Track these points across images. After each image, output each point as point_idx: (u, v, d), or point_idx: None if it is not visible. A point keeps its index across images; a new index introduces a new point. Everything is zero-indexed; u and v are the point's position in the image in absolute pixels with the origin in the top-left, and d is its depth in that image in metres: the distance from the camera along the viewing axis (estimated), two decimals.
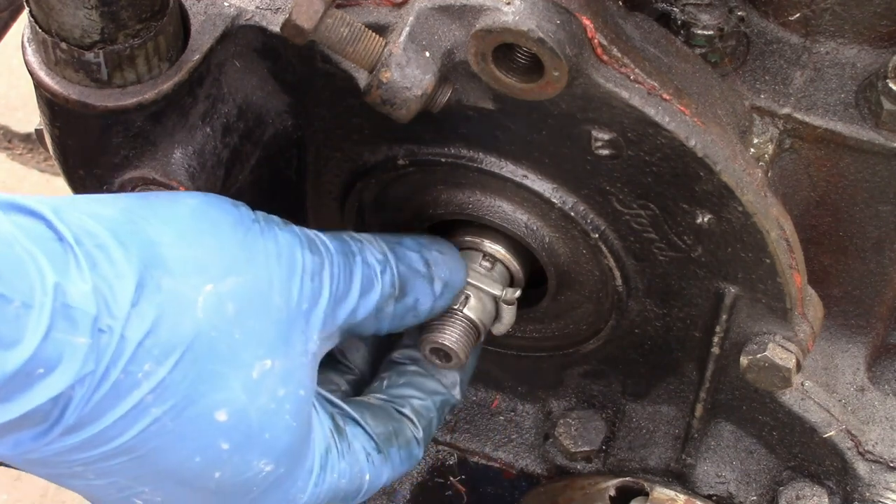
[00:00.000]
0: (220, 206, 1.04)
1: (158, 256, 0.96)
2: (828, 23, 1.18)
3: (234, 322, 0.98)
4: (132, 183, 1.11)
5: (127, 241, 0.95)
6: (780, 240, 1.10)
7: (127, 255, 0.94)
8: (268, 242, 1.04)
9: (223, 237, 1.01)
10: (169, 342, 0.94)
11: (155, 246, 0.96)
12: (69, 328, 0.87)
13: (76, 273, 0.89)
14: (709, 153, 1.05)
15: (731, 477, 1.32)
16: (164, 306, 0.94)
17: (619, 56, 1.02)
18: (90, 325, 0.89)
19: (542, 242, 1.20)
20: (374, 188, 1.23)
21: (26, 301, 0.85)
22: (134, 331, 0.92)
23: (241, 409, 0.99)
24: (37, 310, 0.86)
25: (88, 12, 0.99)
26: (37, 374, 0.86)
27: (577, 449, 1.35)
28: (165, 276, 0.95)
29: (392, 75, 1.01)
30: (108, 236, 0.94)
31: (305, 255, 1.05)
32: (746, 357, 1.18)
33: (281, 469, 1.04)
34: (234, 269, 1.00)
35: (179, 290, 0.96)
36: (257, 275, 1.01)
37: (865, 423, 1.28)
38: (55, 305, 0.87)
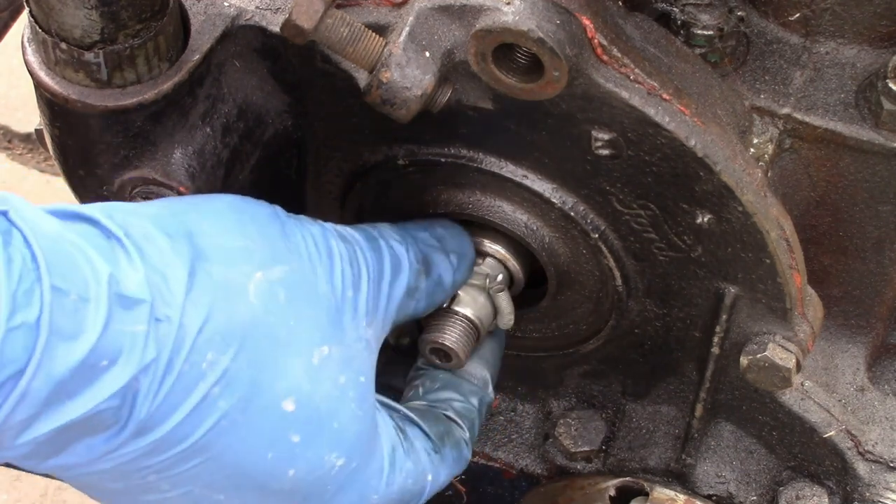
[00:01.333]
0: (255, 202, 1.05)
1: (205, 246, 0.95)
2: (828, 23, 1.18)
3: (287, 309, 0.98)
4: (132, 183, 1.11)
5: (173, 233, 0.94)
6: (780, 240, 1.10)
7: (174, 245, 0.93)
8: (304, 233, 1.04)
9: (264, 228, 1.01)
10: (228, 330, 0.93)
11: (200, 236, 0.96)
12: (127, 318, 0.87)
13: (127, 264, 0.89)
14: (709, 153, 1.05)
15: (731, 477, 1.32)
16: (217, 293, 0.93)
17: (619, 56, 1.02)
18: (147, 314, 0.88)
19: (542, 242, 1.20)
20: (374, 188, 1.23)
21: (82, 294, 0.85)
22: (192, 318, 0.91)
23: (307, 396, 0.98)
24: (93, 301, 0.85)
25: (88, 12, 0.99)
26: (101, 365, 0.85)
27: (577, 449, 1.35)
28: (214, 265, 0.95)
29: (392, 75, 1.01)
30: (153, 229, 0.94)
31: (339, 244, 1.05)
32: (746, 357, 1.18)
33: (353, 463, 1.02)
34: (279, 257, 1.00)
35: (230, 277, 0.95)
36: (301, 263, 1.01)
37: (865, 423, 1.28)
38: (111, 296, 0.86)
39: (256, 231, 1.01)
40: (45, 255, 0.83)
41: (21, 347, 0.81)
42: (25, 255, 0.83)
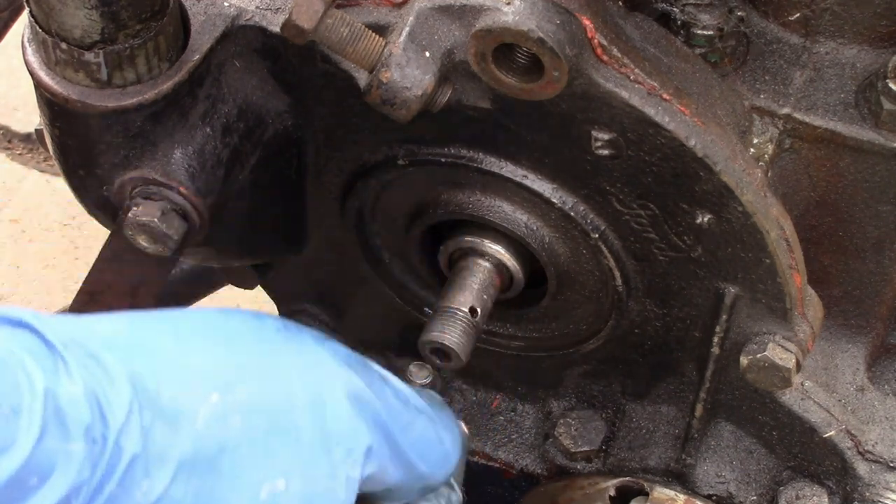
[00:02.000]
0: (239, 316, 0.99)
1: (158, 364, 0.91)
2: (828, 23, 1.18)
3: (241, 437, 0.91)
4: (132, 183, 1.11)
5: (122, 349, 0.90)
6: (780, 240, 1.10)
7: (121, 363, 0.88)
8: (292, 355, 0.97)
9: (237, 346, 0.96)
10: (167, 455, 0.88)
11: (154, 353, 0.91)
12: (62, 434, 0.83)
13: (66, 379, 0.85)
14: (709, 153, 1.05)
15: (731, 477, 1.32)
16: (162, 416, 0.88)
17: (619, 56, 1.02)
18: (83, 432, 0.84)
19: (542, 242, 1.20)
20: (374, 188, 1.23)
21: (15, 405, 0.81)
22: (130, 442, 0.86)
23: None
24: (26, 414, 0.81)
25: (88, 12, 0.99)
26: (31, 483, 0.81)
27: (577, 449, 1.35)
28: (164, 385, 0.89)
29: (392, 75, 1.01)
30: (99, 345, 0.89)
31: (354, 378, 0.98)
32: (746, 357, 1.18)
33: None
34: (247, 379, 0.93)
35: (179, 400, 0.90)
36: (275, 388, 0.94)
37: (865, 423, 1.28)
38: (46, 410, 0.82)
39: (226, 349, 0.95)
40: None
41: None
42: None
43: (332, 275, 1.37)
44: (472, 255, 1.22)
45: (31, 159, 2.84)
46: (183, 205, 1.11)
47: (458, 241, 1.23)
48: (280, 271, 1.41)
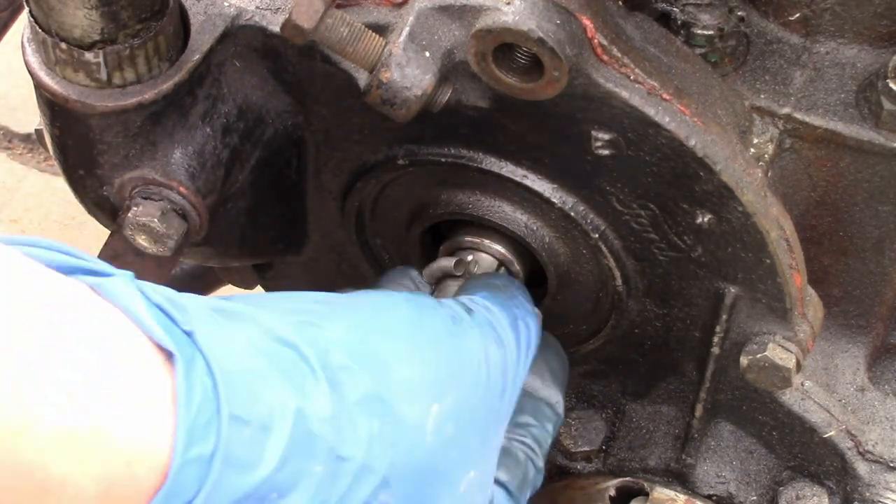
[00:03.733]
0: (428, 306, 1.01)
1: (391, 381, 0.93)
2: (828, 23, 1.18)
3: (453, 441, 0.96)
4: (132, 183, 1.11)
5: (365, 364, 0.91)
6: (780, 240, 1.10)
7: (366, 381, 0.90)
8: (471, 345, 1.01)
9: (440, 348, 0.99)
10: (404, 472, 0.91)
11: (388, 368, 0.93)
12: (307, 454, 0.84)
13: (316, 397, 0.86)
14: (709, 153, 1.05)
15: (731, 477, 1.31)
16: (401, 434, 0.91)
17: (619, 56, 1.02)
18: (327, 453, 0.85)
19: (542, 242, 1.20)
20: (374, 188, 1.23)
21: (265, 423, 0.82)
22: (378, 460, 0.88)
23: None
24: (276, 432, 0.82)
25: (88, 12, 0.99)
26: (270, 497, 0.82)
27: (577, 449, 1.35)
28: (399, 402, 0.92)
29: (392, 75, 1.01)
30: (347, 359, 0.90)
31: (494, 351, 1.02)
32: (746, 357, 1.18)
33: None
34: (451, 383, 0.97)
35: (412, 415, 0.93)
36: (468, 385, 0.99)
37: (865, 423, 1.28)
38: (295, 430, 0.83)
39: (434, 353, 0.98)
40: (227, 384, 0.80)
41: (193, 479, 0.78)
42: (207, 384, 0.80)
43: (332, 275, 1.37)
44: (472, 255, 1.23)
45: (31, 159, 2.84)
46: (183, 205, 1.11)
47: (458, 240, 1.23)
48: (280, 271, 1.41)
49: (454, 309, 1.03)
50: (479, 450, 1.00)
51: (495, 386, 1.02)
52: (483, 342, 1.03)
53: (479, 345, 1.02)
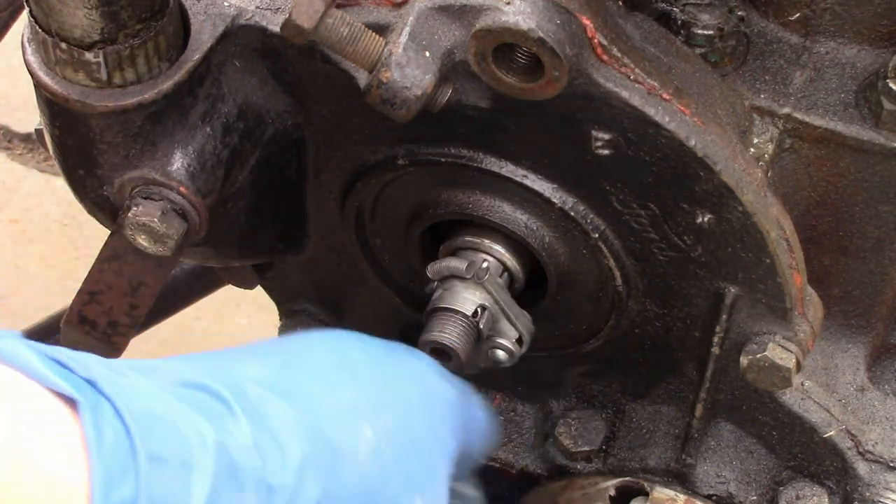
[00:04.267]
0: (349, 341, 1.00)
1: (316, 407, 0.91)
2: (828, 23, 1.18)
3: (394, 465, 0.94)
4: (132, 183, 1.11)
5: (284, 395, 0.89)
6: (780, 240, 1.10)
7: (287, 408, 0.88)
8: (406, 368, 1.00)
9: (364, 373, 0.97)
10: (339, 496, 0.88)
11: (309, 395, 0.91)
12: (235, 486, 0.82)
13: (235, 429, 0.84)
14: (709, 153, 1.05)
15: (731, 477, 1.31)
16: (332, 459, 0.89)
17: (619, 56, 1.02)
18: (257, 483, 0.83)
19: (542, 242, 1.20)
20: (374, 188, 1.23)
21: (185, 460, 0.79)
22: (310, 487, 0.86)
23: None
24: (199, 469, 0.80)
25: (88, 12, 0.99)
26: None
27: (577, 449, 1.35)
28: (328, 426, 0.90)
29: (392, 75, 1.01)
30: (264, 391, 0.88)
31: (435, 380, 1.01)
32: (746, 357, 1.18)
33: None
34: (383, 405, 0.95)
35: (342, 439, 0.91)
36: (404, 408, 0.97)
37: (865, 423, 1.28)
38: (218, 463, 0.81)
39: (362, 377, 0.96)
40: (139, 424, 0.78)
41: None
42: (117, 427, 0.77)
43: (332, 275, 1.37)
44: None
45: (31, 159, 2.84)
46: (183, 205, 1.11)
47: (458, 240, 1.23)
48: (280, 271, 1.41)
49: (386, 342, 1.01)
50: (424, 475, 0.97)
51: (438, 413, 0.99)
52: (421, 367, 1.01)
53: (417, 368, 1.00)
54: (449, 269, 1.19)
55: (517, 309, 1.20)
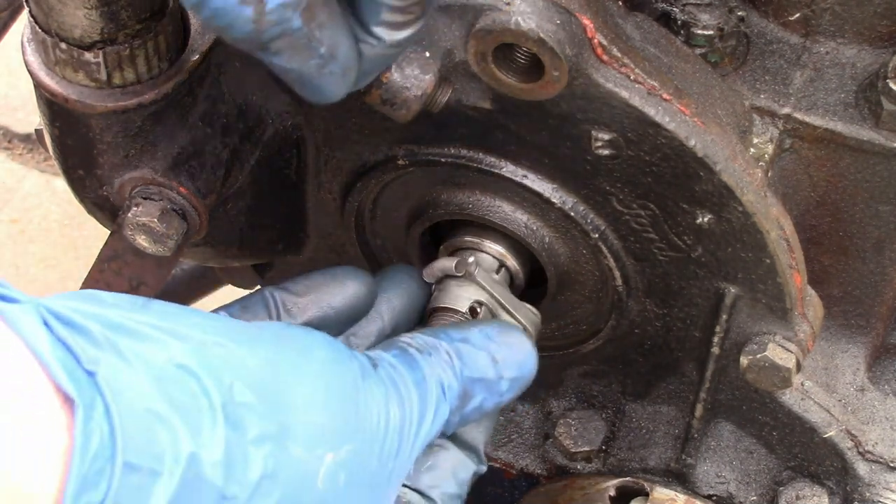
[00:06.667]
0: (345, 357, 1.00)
1: (293, 423, 0.91)
2: (828, 23, 1.18)
3: (344, 493, 0.94)
4: (132, 183, 1.11)
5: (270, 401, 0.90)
6: (780, 240, 1.10)
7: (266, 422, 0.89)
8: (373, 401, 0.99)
9: (345, 400, 0.97)
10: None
11: (292, 410, 0.92)
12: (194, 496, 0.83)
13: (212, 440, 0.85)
14: (709, 153, 1.05)
15: (731, 477, 1.32)
16: (291, 479, 0.90)
17: (619, 56, 1.02)
18: (215, 496, 0.84)
19: (542, 242, 1.20)
20: (373, 188, 1.23)
21: (155, 468, 0.81)
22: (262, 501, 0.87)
23: None
24: (165, 479, 0.81)
25: (88, 12, 0.99)
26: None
27: (577, 449, 1.35)
28: (296, 446, 0.91)
29: (392, 75, 1.01)
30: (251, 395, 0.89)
31: (395, 411, 1.00)
32: (746, 357, 1.18)
33: None
34: (348, 435, 0.95)
35: (307, 461, 0.91)
36: (363, 441, 0.97)
37: (865, 423, 1.28)
38: (185, 476, 0.82)
39: (339, 404, 0.96)
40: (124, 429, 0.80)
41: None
42: (104, 431, 0.79)
43: None
44: None
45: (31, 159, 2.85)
46: (183, 205, 1.11)
47: (458, 240, 1.23)
48: (280, 271, 1.41)
49: (363, 362, 1.01)
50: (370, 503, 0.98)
51: (391, 445, 0.99)
52: (385, 399, 1.00)
53: (382, 402, 0.99)
54: (441, 270, 1.19)
55: (517, 302, 1.20)
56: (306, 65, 0.90)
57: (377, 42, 0.92)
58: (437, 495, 1.10)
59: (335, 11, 0.90)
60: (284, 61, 0.90)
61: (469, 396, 1.06)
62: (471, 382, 1.06)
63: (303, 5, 0.87)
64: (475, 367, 1.06)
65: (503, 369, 1.08)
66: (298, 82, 0.93)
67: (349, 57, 0.92)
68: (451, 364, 1.05)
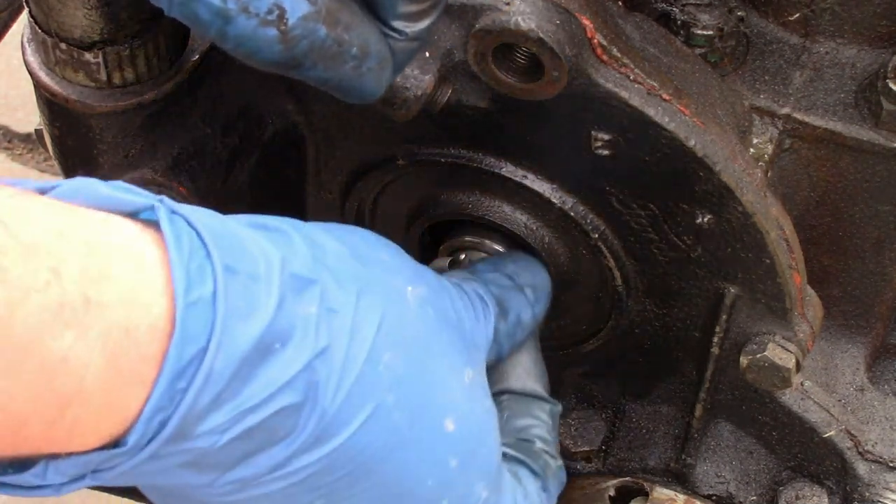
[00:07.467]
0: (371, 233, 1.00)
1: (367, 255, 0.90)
2: (827, 23, 1.18)
3: (437, 325, 0.92)
4: (132, 183, 1.10)
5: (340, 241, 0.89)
6: (779, 240, 1.10)
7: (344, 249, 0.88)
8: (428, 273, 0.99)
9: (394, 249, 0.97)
10: (399, 332, 0.87)
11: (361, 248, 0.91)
12: (299, 300, 0.81)
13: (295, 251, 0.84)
14: (708, 153, 1.05)
15: (730, 477, 1.32)
16: (386, 294, 0.88)
17: (619, 56, 1.02)
18: (318, 299, 0.82)
19: (541, 242, 1.20)
20: (373, 188, 1.23)
21: (252, 273, 0.79)
22: (367, 314, 0.85)
23: (464, 417, 0.91)
24: (265, 281, 0.79)
25: (88, 12, 0.99)
26: (274, 348, 0.79)
27: (577, 449, 1.35)
28: (375, 270, 0.89)
29: None
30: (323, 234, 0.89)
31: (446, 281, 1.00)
32: (746, 357, 1.18)
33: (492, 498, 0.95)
34: (420, 278, 0.94)
35: (393, 283, 0.90)
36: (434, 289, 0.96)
37: (865, 423, 1.28)
38: (283, 276, 0.80)
39: (394, 250, 0.96)
40: (211, 236, 0.78)
41: (200, 324, 0.75)
42: (191, 234, 0.78)
43: None
44: None
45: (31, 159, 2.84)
46: None
47: (458, 240, 1.23)
48: None
49: None
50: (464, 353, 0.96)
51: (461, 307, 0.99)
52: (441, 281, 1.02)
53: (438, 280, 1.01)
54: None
55: None
56: (342, 70, 0.90)
57: (399, 36, 0.92)
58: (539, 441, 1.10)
59: (355, 10, 0.90)
60: (321, 72, 0.90)
61: (506, 310, 1.07)
62: (499, 294, 1.07)
63: (323, 13, 0.86)
64: (497, 283, 1.08)
65: (520, 280, 1.11)
66: (338, 89, 0.92)
67: (381, 49, 0.91)
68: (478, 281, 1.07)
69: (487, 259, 1.15)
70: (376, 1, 0.91)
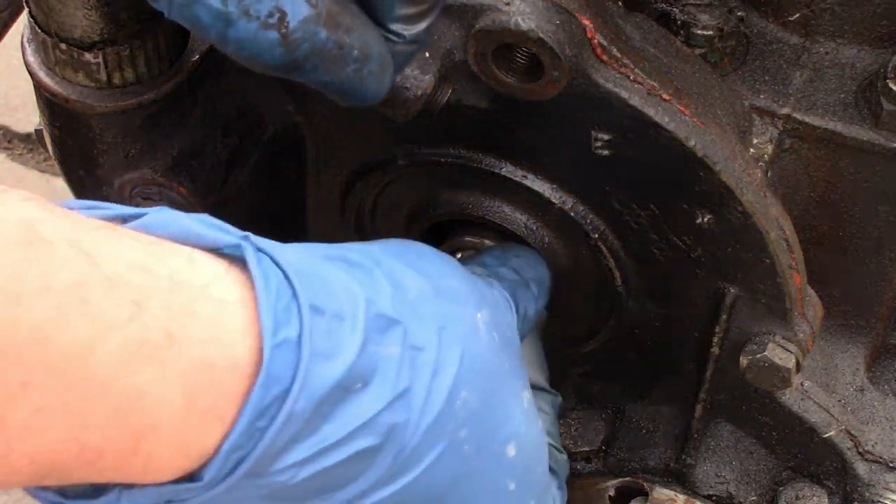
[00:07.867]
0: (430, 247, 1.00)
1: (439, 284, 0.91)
2: (827, 23, 1.18)
3: (501, 351, 0.93)
4: (132, 183, 1.11)
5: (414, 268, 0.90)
6: (779, 240, 1.10)
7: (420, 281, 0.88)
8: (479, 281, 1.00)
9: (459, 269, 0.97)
10: (473, 371, 0.87)
11: (432, 276, 0.91)
12: (382, 340, 0.81)
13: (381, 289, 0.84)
14: (708, 153, 1.05)
15: (730, 477, 1.32)
16: (464, 329, 0.89)
17: (619, 56, 1.02)
18: (402, 339, 0.83)
19: (541, 242, 1.20)
20: (373, 188, 1.23)
21: (338, 312, 0.79)
22: (449, 352, 0.85)
23: (523, 441, 0.92)
24: (349, 320, 0.80)
25: (88, 12, 0.99)
26: (354, 388, 0.79)
27: (577, 449, 1.35)
28: (449, 303, 0.90)
29: None
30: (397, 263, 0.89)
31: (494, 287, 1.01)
32: (746, 357, 1.18)
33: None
34: (484, 301, 0.95)
35: (466, 314, 0.90)
36: (492, 307, 0.96)
37: (865, 424, 1.28)
38: (368, 316, 0.81)
39: (463, 274, 0.96)
40: (297, 276, 0.78)
41: (285, 365, 0.75)
42: (278, 274, 0.78)
43: None
44: None
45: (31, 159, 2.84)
46: (183, 205, 1.11)
47: (458, 240, 1.23)
48: None
49: None
50: (522, 373, 0.96)
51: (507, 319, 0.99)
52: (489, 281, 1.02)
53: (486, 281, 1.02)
54: None
55: None
56: (344, 73, 0.90)
57: (397, 39, 0.92)
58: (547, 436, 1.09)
59: (356, 13, 0.90)
60: (322, 75, 0.89)
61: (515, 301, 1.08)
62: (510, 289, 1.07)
63: (324, 15, 0.86)
64: (506, 279, 1.09)
65: (525, 275, 1.11)
66: (340, 92, 0.92)
67: (382, 52, 0.91)
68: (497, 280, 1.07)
69: (491, 251, 1.15)
70: (373, 4, 0.90)
